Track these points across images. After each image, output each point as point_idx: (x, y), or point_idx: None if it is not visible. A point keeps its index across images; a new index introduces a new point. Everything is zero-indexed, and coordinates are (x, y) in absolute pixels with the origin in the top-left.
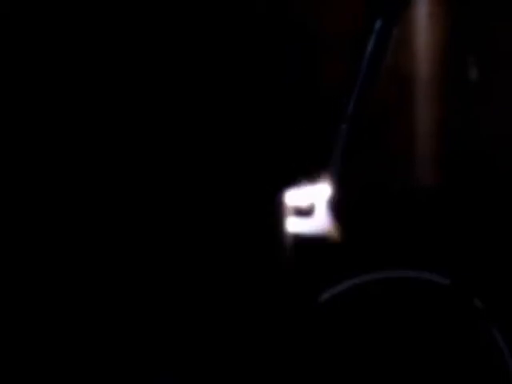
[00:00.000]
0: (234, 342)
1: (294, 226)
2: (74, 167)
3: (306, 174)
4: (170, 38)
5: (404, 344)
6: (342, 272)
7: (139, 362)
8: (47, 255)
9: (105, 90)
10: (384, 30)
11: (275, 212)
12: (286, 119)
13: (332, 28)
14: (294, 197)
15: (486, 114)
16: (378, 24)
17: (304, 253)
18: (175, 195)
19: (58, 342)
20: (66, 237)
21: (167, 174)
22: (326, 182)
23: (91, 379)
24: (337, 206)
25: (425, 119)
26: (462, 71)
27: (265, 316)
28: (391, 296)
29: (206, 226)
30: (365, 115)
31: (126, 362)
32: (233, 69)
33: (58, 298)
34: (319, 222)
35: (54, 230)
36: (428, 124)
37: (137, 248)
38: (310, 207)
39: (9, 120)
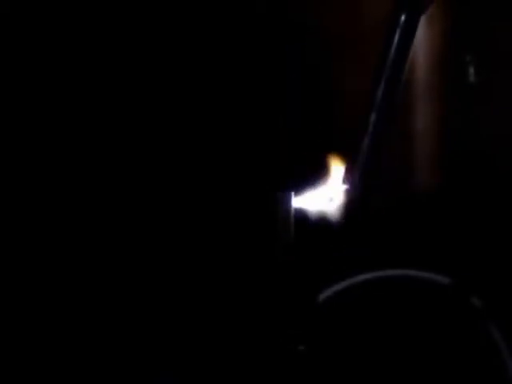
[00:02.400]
0: (233, 342)
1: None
2: (74, 167)
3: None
4: (169, 38)
5: (403, 343)
6: (342, 272)
7: (139, 362)
8: (47, 255)
9: (104, 90)
10: (410, 22)
11: (276, 212)
12: (286, 119)
13: (332, 28)
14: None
15: (486, 114)
16: (403, 16)
17: (304, 252)
18: (175, 194)
19: (58, 341)
20: (66, 237)
21: (167, 174)
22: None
23: (91, 379)
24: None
25: (425, 119)
26: (461, 71)
27: (264, 316)
28: (390, 295)
29: (206, 225)
30: (395, 108)
31: (126, 362)
32: (233, 69)
33: (57, 297)
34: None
35: (54, 229)
36: (428, 124)
37: (136, 248)
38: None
39: (8, 120)
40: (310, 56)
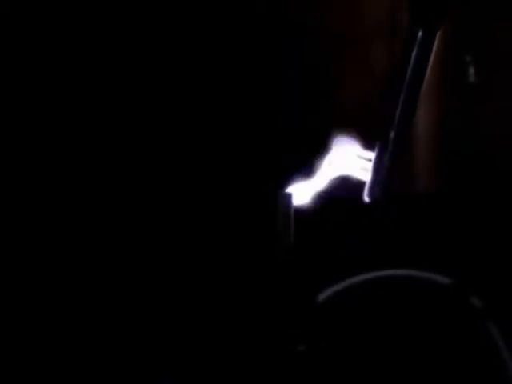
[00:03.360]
0: (233, 342)
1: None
2: (74, 167)
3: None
4: (169, 38)
5: (403, 343)
6: (342, 272)
7: (139, 362)
8: (47, 255)
9: (104, 90)
10: (427, 39)
11: (276, 212)
12: (286, 119)
13: (332, 28)
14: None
15: (486, 114)
16: (420, 33)
17: (304, 252)
18: (175, 194)
19: (58, 341)
20: (66, 237)
21: (167, 174)
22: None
23: (91, 379)
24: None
25: (425, 119)
26: (461, 71)
27: (264, 316)
28: (390, 295)
29: (206, 225)
30: (411, 127)
31: (126, 362)
32: (233, 69)
33: (58, 297)
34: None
35: (54, 230)
36: (428, 124)
37: (136, 248)
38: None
39: (9, 120)
40: (310, 56)
